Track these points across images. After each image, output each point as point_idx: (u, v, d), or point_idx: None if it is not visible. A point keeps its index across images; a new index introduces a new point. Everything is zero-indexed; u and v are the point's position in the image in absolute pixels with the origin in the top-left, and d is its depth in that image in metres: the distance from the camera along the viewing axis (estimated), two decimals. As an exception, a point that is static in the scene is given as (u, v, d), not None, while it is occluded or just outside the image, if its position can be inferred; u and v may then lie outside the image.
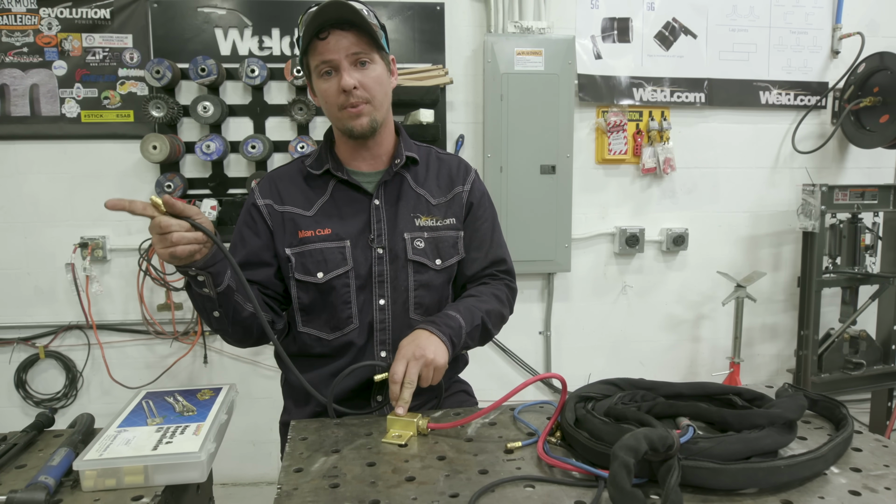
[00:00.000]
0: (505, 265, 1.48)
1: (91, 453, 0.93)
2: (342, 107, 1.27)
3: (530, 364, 3.08)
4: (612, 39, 2.93)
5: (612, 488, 0.79)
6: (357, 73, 1.26)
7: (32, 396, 2.85)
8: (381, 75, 1.29)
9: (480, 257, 1.44)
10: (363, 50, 1.25)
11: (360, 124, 1.29)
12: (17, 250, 2.78)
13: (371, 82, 1.27)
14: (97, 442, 0.96)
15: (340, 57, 1.24)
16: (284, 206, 1.37)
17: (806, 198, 2.84)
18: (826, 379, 2.88)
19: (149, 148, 2.60)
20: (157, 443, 0.96)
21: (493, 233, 1.47)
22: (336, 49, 1.24)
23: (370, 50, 1.26)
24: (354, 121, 1.28)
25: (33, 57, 2.68)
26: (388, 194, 1.38)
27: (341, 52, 1.24)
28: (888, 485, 0.89)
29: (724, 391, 1.16)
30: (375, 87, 1.28)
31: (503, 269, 1.48)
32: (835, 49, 3.07)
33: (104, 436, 0.98)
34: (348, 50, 1.24)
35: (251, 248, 1.37)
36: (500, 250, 1.47)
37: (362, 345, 1.36)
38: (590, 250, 3.07)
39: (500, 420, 1.19)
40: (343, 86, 1.24)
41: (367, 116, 1.29)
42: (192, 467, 0.92)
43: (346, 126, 1.30)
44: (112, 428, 1.01)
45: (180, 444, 0.95)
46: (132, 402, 1.13)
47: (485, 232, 1.45)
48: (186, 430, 1.00)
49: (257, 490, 2.95)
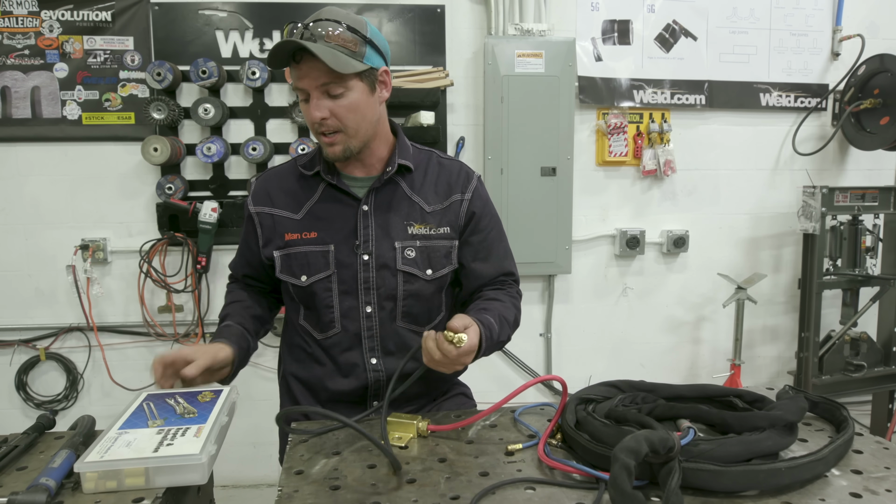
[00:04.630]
0: (514, 276, 1.46)
1: (92, 455, 0.93)
2: (317, 133, 1.28)
3: (531, 366, 3.08)
4: (612, 41, 2.94)
5: (613, 490, 0.79)
6: (328, 102, 1.23)
7: (33, 398, 2.85)
8: (355, 102, 1.24)
9: (489, 267, 1.41)
10: (332, 80, 1.21)
11: (333, 152, 1.28)
12: (18, 252, 2.79)
13: (343, 111, 1.24)
14: (98, 444, 0.96)
15: (310, 86, 1.22)
16: (274, 209, 1.37)
17: (806, 200, 2.84)
18: (827, 381, 2.88)
19: (150, 150, 2.60)
20: (157, 445, 0.96)
21: (499, 241, 1.44)
22: (306, 77, 1.22)
23: (343, 79, 1.21)
24: (328, 149, 1.28)
25: (35, 59, 2.68)
26: (379, 201, 1.35)
27: (311, 82, 1.21)
28: (889, 487, 0.89)
29: (725, 393, 1.16)
30: (348, 115, 1.25)
31: (512, 279, 1.46)
32: (835, 51, 3.07)
33: (105, 438, 0.98)
34: (317, 80, 1.21)
35: (252, 252, 1.42)
36: (507, 262, 1.44)
37: (348, 349, 1.36)
38: (590, 252, 3.07)
39: (501, 422, 1.19)
40: (311, 119, 1.24)
41: (340, 145, 1.27)
42: (192, 469, 0.92)
43: (324, 150, 1.31)
44: (113, 430, 1.01)
45: (181, 447, 0.95)
46: (133, 403, 1.13)
47: (492, 241, 1.42)
48: (187, 433, 1.00)
49: (258, 492, 2.95)
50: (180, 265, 2.77)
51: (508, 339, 1.34)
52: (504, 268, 1.43)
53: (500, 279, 1.42)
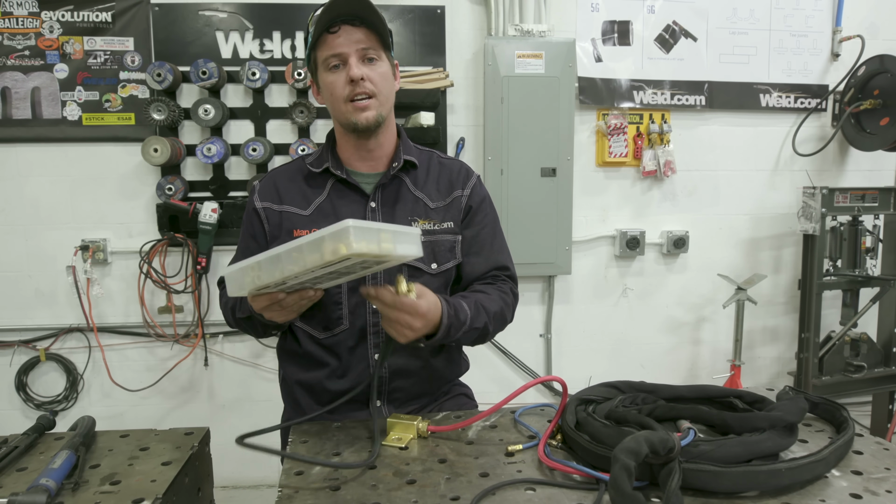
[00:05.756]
0: (508, 271, 1.46)
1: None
2: (348, 98, 1.29)
3: (531, 367, 3.08)
4: (612, 42, 2.94)
5: (613, 491, 0.79)
6: (365, 68, 1.28)
7: (33, 399, 2.85)
8: (387, 72, 1.32)
9: (481, 262, 1.42)
10: (372, 46, 1.28)
11: (366, 117, 1.29)
12: (18, 253, 2.79)
13: (378, 77, 1.29)
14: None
15: (350, 50, 1.27)
16: (283, 206, 1.38)
17: (806, 200, 2.84)
18: (827, 382, 2.88)
19: (150, 151, 2.61)
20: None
21: (493, 238, 1.45)
22: (346, 43, 1.26)
23: (378, 47, 1.29)
24: (360, 114, 1.29)
25: (35, 60, 2.68)
26: (386, 197, 1.38)
27: (351, 46, 1.27)
28: (889, 488, 0.89)
29: (725, 394, 1.16)
30: (382, 82, 1.30)
31: (507, 274, 1.46)
32: (835, 52, 3.08)
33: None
34: (358, 44, 1.27)
35: (259, 246, 1.40)
36: (501, 256, 1.45)
37: (353, 346, 1.36)
38: (590, 253, 3.07)
39: (501, 423, 1.19)
40: (351, 75, 1.26)
41: (374, 111, 1.30)
42: (416, 240, 1.06)
43: (350, 120, 1.30)
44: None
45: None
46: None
47: (485, 237, 1.43)
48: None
49: (258, 493, 2.95)
50: (180, 266, 2.77)
51: (489, 329, 1.31)
52: (496, 262, 1.43)
53: (492, 273, 1.43)
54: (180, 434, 1.20)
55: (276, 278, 0.97)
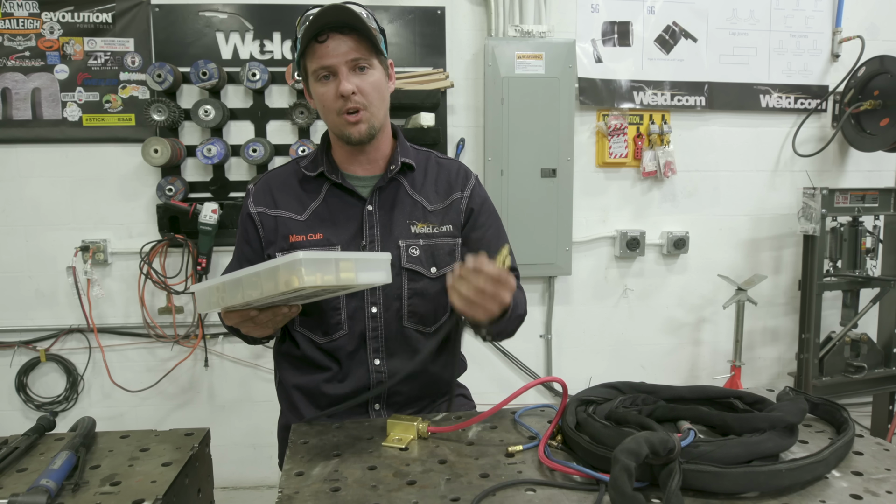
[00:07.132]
0: (515, 270, 1.43)
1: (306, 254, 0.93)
2: (340, 112, 1.27)
3: (531, 367, 3.08)
4: (612, 43, 2.94)
5: (614, 492, 0.79)
6: (355, 79, 1.25)
7: (33, 400, 2.85)
8: (378, 80, 1.28)
9: None
10: (362, 55, 1.24)
11: (359, 131, 1.28)
12: (18, 253, 2.79)
13: (369, 88, 1.26)
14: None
15: (339, 62, 1.23)
16: (278, 211, 1.36)
17: (806, 201, 2.84)
18: (827, 382, 2.87)
19: (150, 151, 2.61)
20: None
21: (498, 238, 1.44)
22: (335, 54, 1.23)
23: (369, 55, 1.26)
24: (352, 128, 1.27)
25: (35, 61, 2.68)
26: (383, 200, 1.36)
27: (340, 58, 1.23)
28: (889, 488, 0.89)
29: (725, 395, 1.16)
30: (373, 92, 1.27)
31: (515, 275, 1.42)
32: (835, 52, 3.08)
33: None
34: (347, 55, 1.23)
35: (254, 251, 1.40)
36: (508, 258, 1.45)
37: (352, 351, 1.35)
38: (590, 254, 3.07)
39: (501, 423, 1.19)
40: (341, 91, 1.23)
41: (366, 123, 1.28)
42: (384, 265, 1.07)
43: (343, 133, 1.29)
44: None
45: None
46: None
47: (491, 238, 1.42)
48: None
49: (258, 494, 2.94)
50: (180, 266, 2.77)
51: (523, 319, 1.34)
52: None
53: None
54: (180, 435, 1.20)
55: (239, 301, 0.98)
